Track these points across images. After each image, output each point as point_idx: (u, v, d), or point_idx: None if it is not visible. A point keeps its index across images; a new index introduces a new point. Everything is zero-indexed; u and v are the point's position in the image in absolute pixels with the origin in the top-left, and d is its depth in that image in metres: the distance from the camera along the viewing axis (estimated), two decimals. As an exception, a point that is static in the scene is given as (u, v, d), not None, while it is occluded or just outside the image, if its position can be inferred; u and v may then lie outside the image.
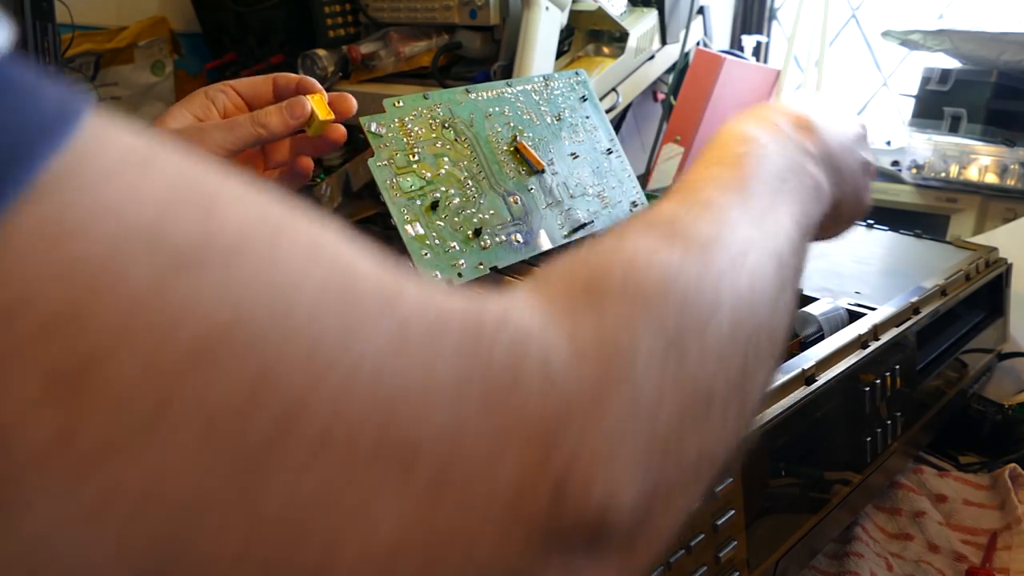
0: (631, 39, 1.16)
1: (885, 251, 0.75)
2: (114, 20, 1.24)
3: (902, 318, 0.57)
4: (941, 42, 1.01)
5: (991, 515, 0.63)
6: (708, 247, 0.26)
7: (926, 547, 0.60)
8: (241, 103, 0.56)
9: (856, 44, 1.41)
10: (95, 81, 1.20)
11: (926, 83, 1.05)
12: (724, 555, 0.38)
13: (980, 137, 1.00)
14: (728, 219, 0.29)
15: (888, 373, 0.54)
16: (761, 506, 0.42)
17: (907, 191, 1.07)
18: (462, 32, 1.14)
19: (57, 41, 0.91)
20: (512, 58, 1.07)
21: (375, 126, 0.56)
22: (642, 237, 0.26)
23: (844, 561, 0.56)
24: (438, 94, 0.61)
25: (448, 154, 0.59)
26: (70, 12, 1.05)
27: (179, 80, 1.31)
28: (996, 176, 1.00)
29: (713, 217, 0.28)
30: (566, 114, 0.70)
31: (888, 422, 0.55)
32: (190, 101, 0.54)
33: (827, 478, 0.50)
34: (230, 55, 1.30)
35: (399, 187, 0.55)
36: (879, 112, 1.38)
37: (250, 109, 0.55)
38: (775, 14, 1.51)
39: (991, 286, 0.73)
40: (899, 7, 1.35)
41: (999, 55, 0.97)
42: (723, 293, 0.25)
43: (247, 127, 0.51)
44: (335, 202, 1.13)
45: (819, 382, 0.47)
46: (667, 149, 1.27)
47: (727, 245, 0.27)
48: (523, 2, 1.05)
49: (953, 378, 0.68)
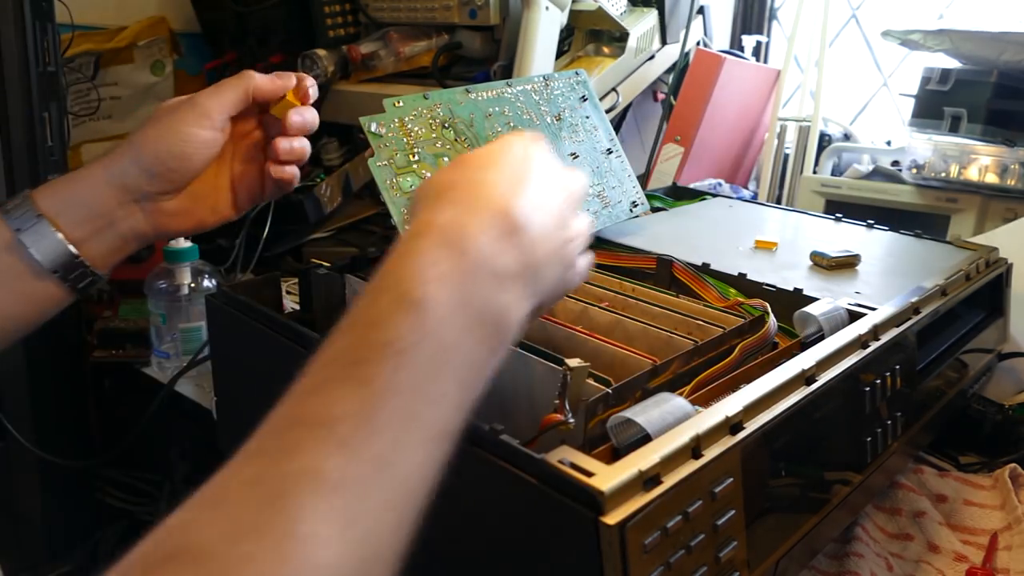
0: (631, 39, 1.16)
1: (885, 251, 0.75)
2: (114, 20, 1.23)
3: (902, 318, 0.57)
4: (941, 42, 1.01)
5: (991, 515, 0.63)
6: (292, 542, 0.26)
7: (926, 547, 0.60)
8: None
9: (856, 44, 1.41)
10: (95, 81, 1.20)
11: (926, 83, 1.05)
12: (724, 555, 0.38)
13: (980, 137, 1.00)
14: (329, 492, 0.27)
15: (888, 373, 0.54)
16: (761, 506, 0.42)
17: (907, 191, 1.07)
18: (462, 32, 1.14)
19: (57, 41, 0.91)
20: (512, 58, 1.06)
21: (375, 126, 0.56)
22: (206, 526, 0.26)
23: (844, 561, 0.56)
24: (438, 94, 0.61)
25: (448, 154, 0.59)
26: (70, 12, 1.05)
27: (179, 80, 1.31)
28: (996, 176, 1.00)
29: (311, 488, 0.27)
30: (566, 114, 0.70)
31: (888, 422, 0.55)
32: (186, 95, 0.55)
33: (827, 478, 0.50)
34: (230, 55, 1.30)
35: (399, 187, 0.55)
36: (879, 112, 1.39)
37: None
38: (775, 14, 1.51)
39: (991, 286, 0.73)
40: (899, 7, 1.35)
41: (999, 55, 0.97)
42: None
43: (238, 87, 0.54)
44: (335, 202, 1.13)
45: (819, 382, 0.47)
46: (667, 149, 1.27)
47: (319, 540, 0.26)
48: (523, 2, 1.04)
49: (953, 378, 0.68)
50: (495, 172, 0.39)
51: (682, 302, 0.57)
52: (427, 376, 0.31)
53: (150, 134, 0.53)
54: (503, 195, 0.37)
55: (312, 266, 0.62)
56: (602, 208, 0.69)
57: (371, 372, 0.30)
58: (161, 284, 0.88)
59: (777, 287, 0.61)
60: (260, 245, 1.06)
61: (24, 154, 0.87)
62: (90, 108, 1.21)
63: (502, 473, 0.38)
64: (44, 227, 0.51)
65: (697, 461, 0.38)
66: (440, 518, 0.44)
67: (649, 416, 0.39)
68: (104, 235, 0.53)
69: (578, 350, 0.49)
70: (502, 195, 0.37)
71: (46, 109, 0.89)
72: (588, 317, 0.55)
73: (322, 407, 0.29)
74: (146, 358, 0.93)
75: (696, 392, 0.45)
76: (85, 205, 0.52)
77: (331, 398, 0.30)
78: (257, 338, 0.55)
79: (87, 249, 0.53)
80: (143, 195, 0.53)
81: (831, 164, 1.22)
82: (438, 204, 0.37)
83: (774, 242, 0.73)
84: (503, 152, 0.41)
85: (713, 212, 0.86)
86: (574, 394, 0.42)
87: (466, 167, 0.40)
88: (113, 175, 0.52)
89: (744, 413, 0.41)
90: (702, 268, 0.65)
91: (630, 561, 0.33)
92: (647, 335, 0.52)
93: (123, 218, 0.54)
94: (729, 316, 0.55)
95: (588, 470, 0.35)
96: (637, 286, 0.60)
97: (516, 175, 0.39)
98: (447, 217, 0.36)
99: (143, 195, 0.53)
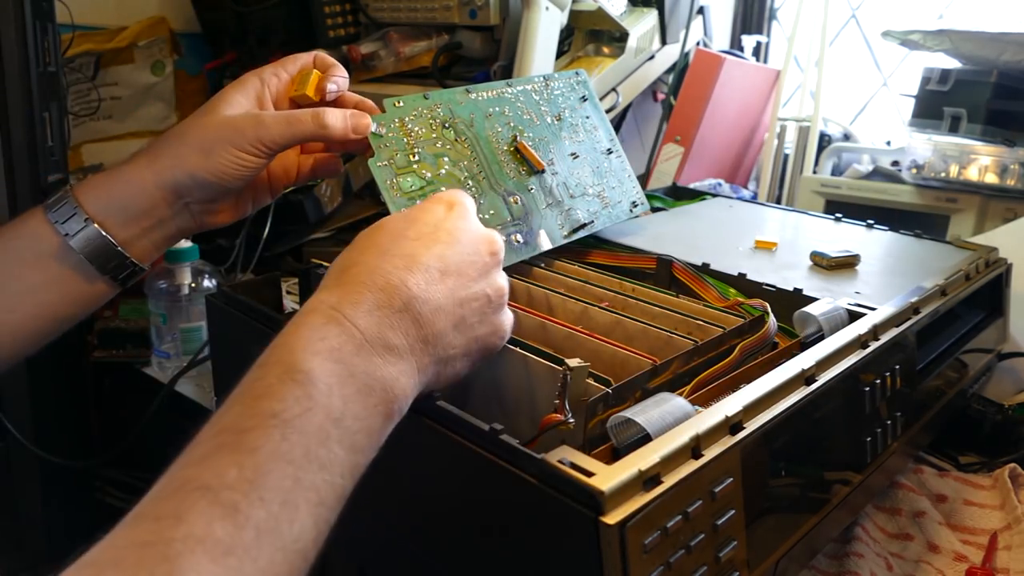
0: (631, 39, 1.16)
1: (885, 251, 0.75)
2: (114, 20, 1.23)
3: (902, 318, 0.57)
4: (941, 42, 1.01)
5: (991, 515, 0.63)
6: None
7: (926, 547, 0.60)
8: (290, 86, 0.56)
9: (856, 44, 1.41)
10: (95, 81, 1.20)
11: (926, 83, 1.05)
12: (724, 555, 0.38)
13: (980, 137, 1.00)
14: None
15: (888, 373, 0.54)
16: (761, 506, 0.42)
17: (907, 191, 1.07)
18: (462, 32, 1.14)
19: (57, 41, 0.91)
20: (512, 58, 1.07)
21: (375, 126, 0.56)
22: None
23: (844, 561, 0.56)
24: (438, 94, 0.61)
25: (448, 154, 0.59)
26: (70, 12, 1.05)
27: (179, 80, 1.31)
28: (996, 176, 1.00)
29: (200, 551, 0.28)
30: (566, 114, 0.70)
31: (888, 422, 0.55)
32: (243, 85, 0.53)
33: (827, 478, 0.50)
34: (230, 55, 1.30)
35: (399, 187, 0.55)
36: (879, 112, 1.39)
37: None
38: (775, 14, 1.51)
39: (991, 286, 0.73)
40: (899, 7, 1.35)
41: (999, 55, 0.97)
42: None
43: (308, 126, 0.52)
44: (335, 202, 1.13)
45: (819, 382, 0.47)
46: (667, 149, 1.27)
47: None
48: (523, 2, 1.05)
49: (953, 378, 0.68)
50: (395, 248, 0.40)
51: (682, 302, 0.58)
52: (315, 443, 0.33)
53: (206, 143, 0.51)
54: (396, 273, 0.39)
55: (312, 266, 0.62)
56: (602, 208, 0.69)
57: (259, 441, 0.31)
58: (161, 284, 0.88)
59: (777, 287, 0.61)
60: (260, 245, 1.06)
61: (24, 154, 0.87)
62: (90, 108, 1.21)
63: (502, 473, 0.38)
64: (93, 231, 0.51)
65: (697, 461, 0.38)
66: (440, 518, 0.44)
67: (649, 416, 0.39)
68: (151, 234, 0.53)
69: (578, 350, 0.49)
70: (395, 273, 0.39)
71: (46, 109, 0.89)
72: (588, 317, 0.55)
73: (211, 474, 0.30)
74: (146, 358, 0.93)
75: (696, 392, 0.45)
76: (133, 206, 0.52)
77: (220, 465, 0.31)
78: (257, 338, 0.55)
79: (134, 247, 0.53)
80: (194, 200, 0.53)
81: (831, 164, 1.22)
82: (336, 283, 0.39)
83: (774, 242, 0.73)
84: (411, 224, 0.42)
85: (713, 212, 0.86)
86: (574, 394, 0.42)
87: (366, 246, 0.41)
88: (165, 180, 0.51)
89: (744, 413, 0.41)
90: (702, 268, 0.65)
91: (630, 561, 0.33)
92: (647, 335, 0.52)
93: (171, 218, 0.53)
94: (729, 316, 0.55)
95: (588, 470, 0.35)
96: (637, 286, 0.60)
97: (417, 249, 0.40)
98: (338, 295, 0.38)
99: (194, 200, 0.53)
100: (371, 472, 0.48)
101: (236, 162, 0.51)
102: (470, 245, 0.42)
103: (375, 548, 0.50)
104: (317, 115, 0.51)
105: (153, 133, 1.30)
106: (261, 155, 0.51)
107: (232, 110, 0.52)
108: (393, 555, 0.48)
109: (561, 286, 0.59)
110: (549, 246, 0.63)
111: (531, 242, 0.62)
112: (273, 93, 0.55)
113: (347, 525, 0.34)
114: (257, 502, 0.30)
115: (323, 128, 0.51)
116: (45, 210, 0.51)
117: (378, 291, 0.38)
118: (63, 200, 0.51)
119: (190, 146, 0.51)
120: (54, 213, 0.50)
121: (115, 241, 0.51)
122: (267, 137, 0.50)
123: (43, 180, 0.90)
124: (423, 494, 0.44)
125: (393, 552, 0.48)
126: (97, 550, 0.28)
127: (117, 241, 0.51)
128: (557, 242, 0.64)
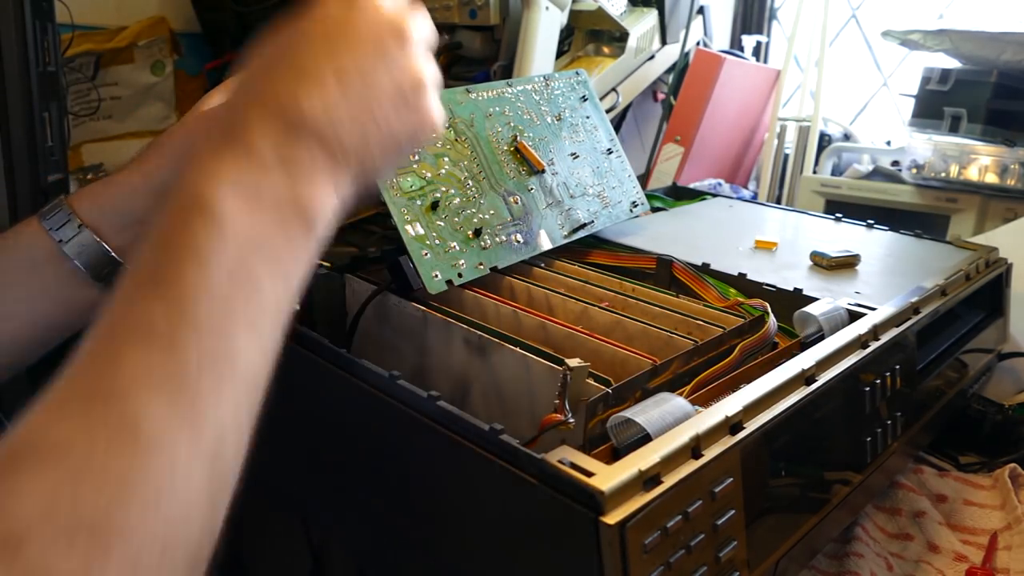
0: (631, 39, 1.16)
1: (885, 251, 0.75)
2: (114, 20, 1.24)
3: (902, 318, 0.57)
4: (941, 42, 1.01)
5: (991, 515, 0.63)
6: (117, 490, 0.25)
7: (926, 547, 0.60)
8: None
9: (856, 44, 1.41)
10: (95, 81, 1.20)
11: (926, 83, 1.05)
12: (724, 555, 0.38)
13: (980, 137, 1.00)
14: (145, 428, 0.27)
15: (888, 373, 0.54)
16: (761, 506, 0.42)
17: (907, 191, 1.07)
18: (462, 32, 1.14)
19: (57, 41, 0.91)
20: (512, 58, 1.07)
21: (375, 126, 0.56)
22: (54, 425, 0.26)
23: (844, 561, 0.56)
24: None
25: (448, 154, 0.59)
26: (70, 12, 1.05)
27: (179, 80, 1.31)
28: (996, 176, 1.00)
29: (121, 435, 0.26)
30: (566, 114, 0.70)
31: (888, 422, 0.55)
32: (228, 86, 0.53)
33: (827, 478, 0.50)
34: (230, 55, 1.30)
35: (399, 187, 0.55)
36: (879, 112, 1.39)
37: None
38: (775, 14, 1.51)
39: (991, 286, 0.73)
40: (899, 7, 1.35)
41: (999, 55, 0.97)
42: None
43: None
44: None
45: (819, 382, 0.47)
46: (667, 149, 1.27)
47: (141, 482, 0.26)
48: (523, 2, 1.05)
49: (953, 378, 0.68)
50: (284, 59, 0.37)
51: (682, 302, 0.57)
52: (238, 270, 0.31)
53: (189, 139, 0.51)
54: (286, 90, 0.35)
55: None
56: (602, 208, 0.69)
57: (178, 276, 0.30)
58: (161, 284, 0.88)
59: (777, 287, 0.61)
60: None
61: (24, 154, 0.87)
62: (90, 108, 1.21)
63: (502, 473, 0.38)
64: (87, 237, 0.50)
65: (697, 461, 0.38)
66: (440, 518, 0.44)
67: (649, 416, 0.39)
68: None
69: (578, 350, 0.49)
70: (284, 90, 0.35)
71: (46, 109, 0.89)
72: (588, 317, 0.55)
73: (141, 316, 0.29)
74: (146, 358, 0.93)
75: (696, 392, 0.45)
76: (127, 212, 0.51)
77: (146, 307, 0.29)
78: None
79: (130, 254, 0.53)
80: None
81: (831, 164, 1.22)
82: (234, 98, 0.36)
83: (774, 242, 0.73)
84: (300, 27, 0.38)
85: (713, 212, 0.86)
86: (574, 394, 0.42)
87: (268, 52, 0.37)
88: (154, 183, 0.51)
89: (744, 413, 0.41)
90: (702, 268, 0.65)
91: (630, 561, 0.33)
92: (647, 335, 0.52)
93: None
94: (729, 316, 0.55)
95: (588, 470, 0.35)
96: (637, 286, 0.60)
97: (305, 57, 0.37)
98: (234, 117, 0.35)
99: None
100: (372, 472, 0.48)
101: None
102: (369, 35, 0.38)
103: (375, 548, 0.50)
104: None
105: (153, 133, 1.30)
106: None
107: (215, 103, 0.52)
108: (393, 555, 0.48)
109: (561, 286, 0.59)
110: (549, 246, 0.63)
111: (531, 242, 0.62)
112: None
113: (347, 525, 0.34)
114: (192, 334, 0.29)
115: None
116: (40, 218, 0.51)
117: (269, 114, 0.35)
118: (57, 208, 0.51)
119: (174, 146, 0.51)
120: (48, 220, 0.51)
121: (109, 247, 0.51)
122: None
123: (43, 180, 0.90)
124: (423, 494, 0.44)
125: (393, 552, 0.48)
126: (46, 398, 0.28)
127: (112, 247, 0.51)
128: (557, 242, 0.64)
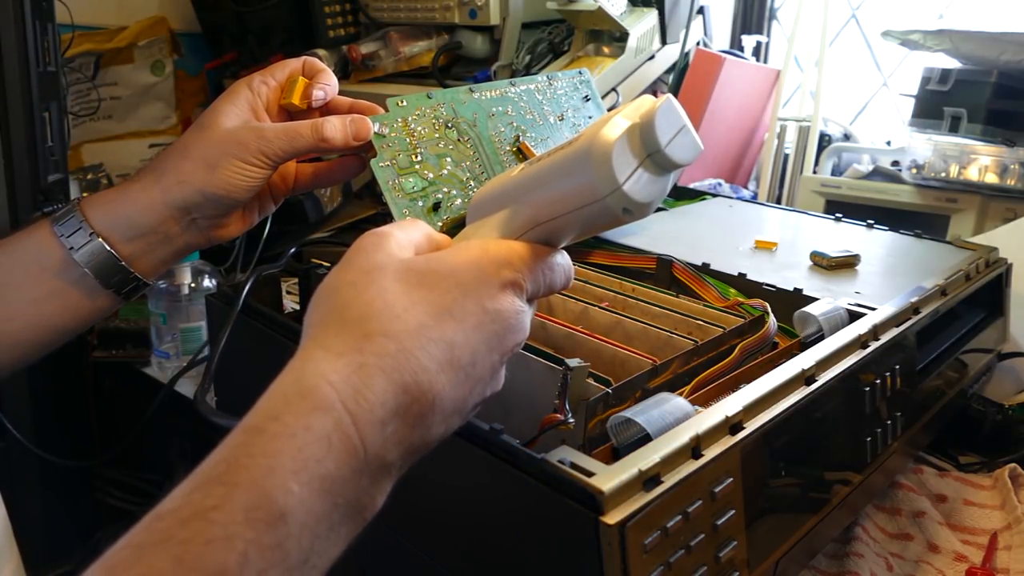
0: (631, 39, 1.16)
1: (885, 251, 0.75)
2: (114, 20, 1.24)
3: (902, 318, 0.57)
4: (941, 42, 1.01)
5: (991, 515, 0.63)
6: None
7: (926, 547, 0.60)
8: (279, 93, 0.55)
9: (856, 44, 1.41)
10: (95, 81, 1.20)
11: (926, 83, 1.05)
12: (724, 555, 0.38)
13: (980, 137, 1.00)
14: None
15: (888, 373, 0.54)
16: (761, 506, 0.42)
17: (907, 191, 1.07)
18: (462, 32, 1.14)
19: (57, 41, 0.91)
20: (512, 58, 1.07)
21: (378, 126, 0.56)
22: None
23: (844, 561, 0.56)
24: (441, 93, 0.61)
25: (451, 154, 0.59)
26: (70, 12, 1.05)
27: (179, 80, 1.31)
28: (996, 176, 1.00)
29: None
30: (569, 114, 0.70)
31: (888, 422, 0.55)
32: (235, 96, 0.53)
33: (827, 478, 0.50)
34: (230, 55, 1.30)
35: (401, 188, 0.55)
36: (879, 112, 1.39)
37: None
38: (775, 14, 1.51)
39: (991, 286, 0.73)
40: (899, 7, 1.35)
41: (999, 55, 0.97)
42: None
43: (309, 139, 0.51)
44: (335, 202, 1.13)
45: (819, 382, 0.47)
46: (667, 149, 1.27)
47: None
48: (523, 2, 1.05)
49: (953, 378, 0.68)
50: (439, 323, 0.33)
51: (682, 302, 0.57)
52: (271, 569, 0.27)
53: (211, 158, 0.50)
54: (430, 368, 0.32)
55: (312, 266, 0.62)
56: (602, 208, 0.69)
57: (212, 562, 0.26)
58: (161, 284, 0.88)
59: (777, 287, 0.61)
60: (260, 245, 1.06)
61: (24, 154, 0.87)
62: (90, 108, 1.21)
63: (502, 473, 0.38)
64: (97, 245, 0.51)
65: (697, 461, 0.38)
66: (440, 518, 0.44)
67: (649, 416, 0.39)
68: (159, 249, 0.53)
69: (578, 350, 0.49)
70: (430, 367, 0.32)
71: (46, 109, 0.89)
72: (588, 317, 0.55)
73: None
74: (146, 358, 0.93)
75: (696, 392, 0.45)
76: (141, 223, 0.51)
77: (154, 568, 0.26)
78: (257, 338, 0.55)
79: (139, 263, 0.53)
80: (203, 215, 0.53)
81: (831, 164, 1.22)
82: (355, 346, 0.32)
83: (774, 242, 0.73)
84: (465, 292, 0.34)
85: (713, 212, 0.86)
86: (574, 394, 0.42)
87: (408, 292, 0.33)
88: (174, 199, 0.51)
89: (744, 413, 0.41)
90: (702, 268, 0.65)
91: (630, 561, 0.33)
92: (647, 335, 0.52)
93: (179, 234, 0.53)
94: (729, 316, 0.55)
95: (588, 470, 0.35)
96: (637, 286, 0.60)
97: (457, 337, 0.33)
98: (356, 382, 0.31)
99: (203, 215, 0.53)
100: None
101: (242, 175, 0.50)
102: (502, 343, 0.35)
103: (375, 548, 0.50)
104: (316, 127, 0.51)
105: (153, 133, 1.30)
106: (265, 167, 0.51)
107: (230, 122, 0.51)
108: (393, 555, 0.48)
109: (561, 286, 0.59)
110: (549, 246, 0.63)
111: (531, 242, 0.61)
112: (264, 101, 0.54)
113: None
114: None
115: (323, 141, 0.51)
116: (52, 223, 0.51)
117: (402, 392, 0.31)
118: (70, 214, 0.51)
119: (194, 161, 0.51)
120: (60, 226, 0.51)
121: (119, 256, 0.51)
122: (269, 150, 0.50)
123: (43, 180, 0.90)
124: (423, 494, 0.44)
125: (393, 552, 0.48)
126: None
127: (121, 256, 0.51)
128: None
